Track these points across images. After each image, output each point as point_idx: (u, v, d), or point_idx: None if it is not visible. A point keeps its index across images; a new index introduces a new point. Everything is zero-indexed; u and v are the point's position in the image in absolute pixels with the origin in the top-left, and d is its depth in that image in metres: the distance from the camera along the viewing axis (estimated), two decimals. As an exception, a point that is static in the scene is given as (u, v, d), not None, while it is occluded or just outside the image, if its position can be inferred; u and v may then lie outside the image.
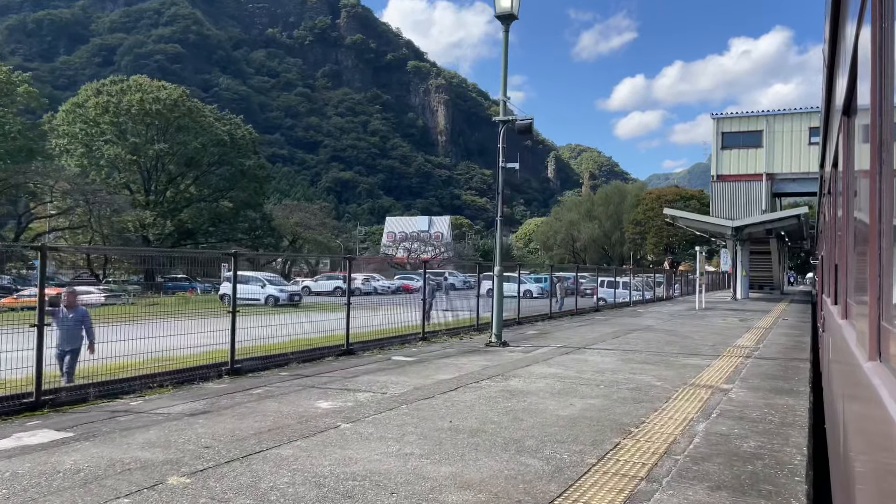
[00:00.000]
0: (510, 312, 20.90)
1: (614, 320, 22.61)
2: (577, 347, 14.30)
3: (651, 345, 15.46)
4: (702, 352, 14.51)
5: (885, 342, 2.02)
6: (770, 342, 16.96)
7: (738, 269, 39.07)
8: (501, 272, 14.13)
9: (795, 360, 13.42)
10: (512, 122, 13.86)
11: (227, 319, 10.03)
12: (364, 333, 13.19)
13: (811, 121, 39.56)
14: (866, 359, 2.33)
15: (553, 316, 22.97)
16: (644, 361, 12.57)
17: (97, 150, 64.11)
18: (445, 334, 15.86)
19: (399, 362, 11.58)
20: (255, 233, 75.52)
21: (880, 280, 2.04)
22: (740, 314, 27.03)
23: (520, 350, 13.62)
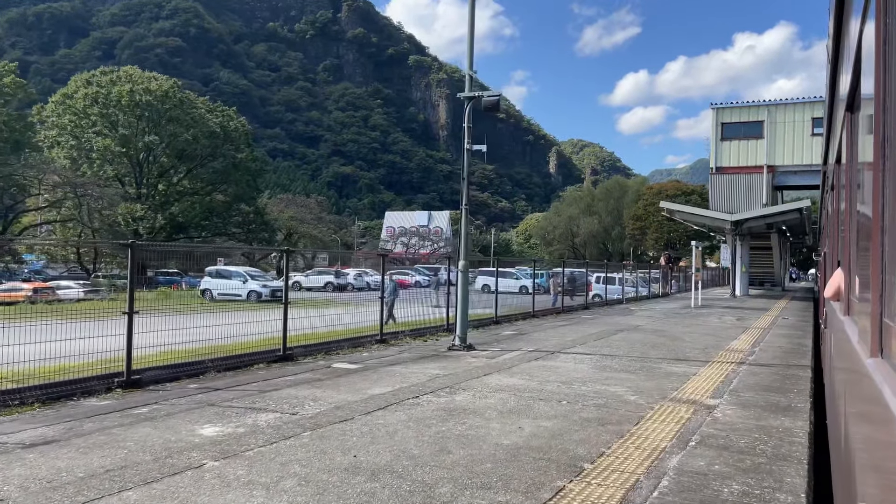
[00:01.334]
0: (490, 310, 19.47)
1: (602, 319, 21.11)
2: (551, 352, 12.80)
3: (635, 348, 13.96)
4: (690, 357, 13.00)
5: (888, 339, 2.03)
6: (767, 345, 15.45)
7: (738, 265, 37.49)
8: (467, 267, 12.62)
9: (794, 368, 11.92)
10: (478, 98, 12.34)
11: (123, 321, 8.51)
12: (310, 336, 11.69)
13: (814, 111, 37.94)
14: (868, 355, 2.32)
15: (536, 314, 21.46)
16: (622, 369, 11.07)
17: (86, 141, 62.81)
18: (409, 335, 14.34)
19: (337, 371, 10.09)
20: (248, 227, 74.33)
21: (883, 276, 2.04)
22: (737, 312, 25.51)
23: (484, 355, 12.12)
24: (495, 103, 12.19)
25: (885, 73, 1.98)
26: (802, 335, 18.09)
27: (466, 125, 12.64)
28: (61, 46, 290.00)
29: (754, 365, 12.15)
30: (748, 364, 12.24)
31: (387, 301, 14.55)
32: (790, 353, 14.15)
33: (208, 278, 37.03)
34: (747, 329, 19.06)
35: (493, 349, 12.96)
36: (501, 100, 12.17)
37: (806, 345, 15.81)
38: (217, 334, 10.17)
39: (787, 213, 34.92)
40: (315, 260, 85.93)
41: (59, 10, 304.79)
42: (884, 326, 2.09)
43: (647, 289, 36.36)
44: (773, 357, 13.37)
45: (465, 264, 12.53)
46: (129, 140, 62.88)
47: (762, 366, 12.11)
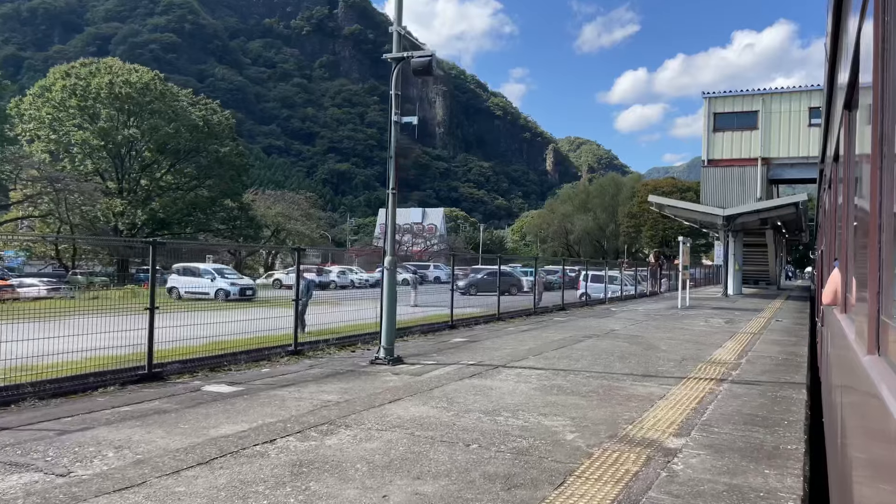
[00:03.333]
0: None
1: (575, 322, 18.96)
2: (495, 366, 10.66)
3: (599, 359, 11.84)
4: (662, 371, 10.89)
5: (884, 336, 2.06)
6: (757, 354, 13.34)
7: (730, 263, 35.37)
8: (394, 264, 10.47)
9: (787, 387, 9.81)
10: (407, 59, 10.20)
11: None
12: (191, 349, 9.57)
13: (811, 100, 35.79)
14: (865, 353, 2.33)
15: (503, 316, 19.31)
16: (573, 390, 8.95)
17: (65, 135, 60.85)
18: (334, 345, 12.18)
19: (202, 397, 7.94)
20: (233, 223, 72.47)
21: (880, 274, 2.07)
22: (727, 314, 23.39)
23: (410, 371, 9.99)
24: (426, 65, 10.05)
25: (884, 71, 2.00)
26: (797, 341, 15.99)
27: (393, 92, 10.50)
28: (55, 42, 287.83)
29: (738, 383, 10.05)
30: (730, 381, 10.14)
31: (303, 303, 12.36)
32: (782, 365, 12.05)
33: (175, 276, 35.29)
34: (735, 335, 16.95)
35: (425, 362, 10.82)
36: (434, 61, 10.02)
37: (801, 354, 13.71)
38: (95, 344, 8.11)
39: (783, 208, 32.79)
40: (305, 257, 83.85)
41: (53, 5, 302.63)
42: (881, 324, 2.10)
43: (634, 288, 34.22)
44: (761, 371, 11.27)
45: (392, 260, 10.38)
46: (108, 133, 60.90)
47: (747, 384, 10.01)
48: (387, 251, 10.39)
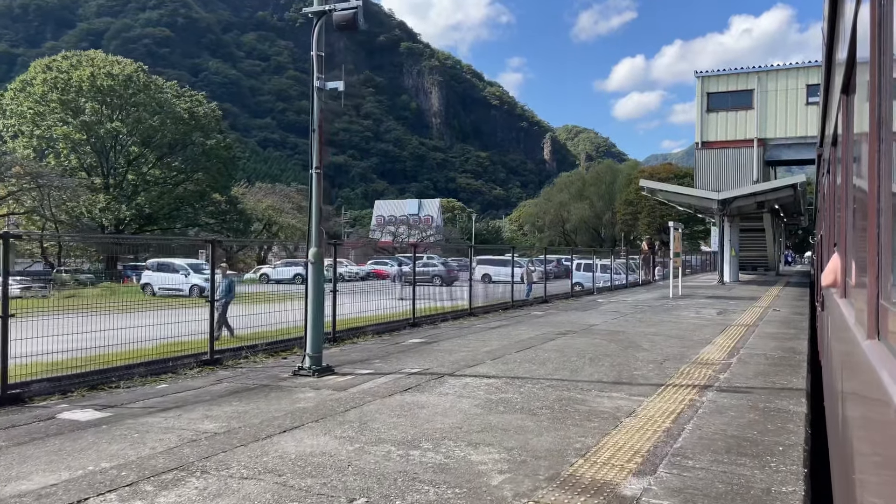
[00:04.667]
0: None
1: (552, 317, 17.36)
2: (440, 375, 9.08)
3: (567, 363, 10.26)
4: (639, 376, 9.33)
5: (884, 321, 2.04)
6: (750, 352, 11.78)
7: (726, 249, 33.73)
8: (320, 256, 8.87)
9: (783, 395, 8.25)
10: (329, 13, 8.59)
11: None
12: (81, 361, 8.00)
13: (809, 77, 34.11)
14: (865, 337, 2.33)
15: (475, 311, 17.70)
16: (523, 406, 7.38)
17: (47, 130, 59.40)
18: (264, 351, 10.58)
19: (51, 428, 6.33)
20: (222, 217, 71.07)
21: (879, 259, 2.07)
22: (721, 304, 21.81)
23: (334, 384, 8.39)
24: (351, 19, 8.43)
25: (881, 54, 2.00)
26: (795, 334, 14.42)
27: (315, 53, 8.90)
28: (48, 38, 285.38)
29: (725, 390, 8.48)
30: (717, 389, 8.57)
31: (217, 305, 10.74)
32: (779, 365, 10.49)
33: (149, 272, 33.95)
34: (727, 328, 15.37)
35: (361, 371, 9.23)
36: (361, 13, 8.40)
37: (800, 350, 12.14)
38: None
39: (780, 191, 31.16)
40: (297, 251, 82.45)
41: (46, 1, 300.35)
42: (880, 309, 2.09)
43: (625, 277, 32.61)
44: (754, 373, 9.70)
45: (318, 252, 8.77)
46: (90, 127, 59.36)
47: (736, 391, 8.45)
48: (311, 241, 8.77)
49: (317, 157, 8.70)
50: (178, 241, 46.93)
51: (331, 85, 8.96)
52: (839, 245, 4.71)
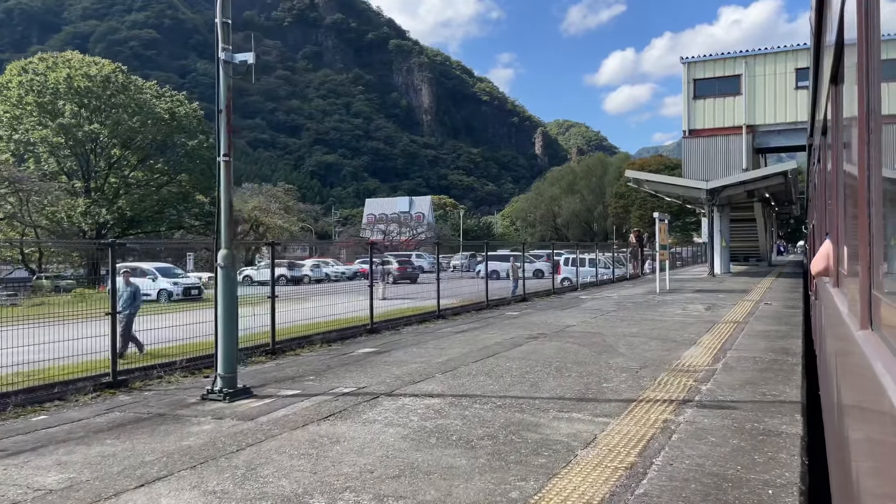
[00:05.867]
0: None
1: (527, 318, 16.12)
2: (377, 394, 7.86)
3: (529, 375, 9.05)
4: (608, 389, 8.13)
5: (877, 310, 2.04)
6: (738, 354, 10.60)
7: (716, 240, 32.56)
8: (231, 260, 7.59)
9: (774, 410, 7.07)
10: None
11: None
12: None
13: (798, 60, 32.94)
14: (858, 327, 2.32)
15: (444, 313, 16.45)
16: (460, 438, 6.17)
17: (24, 133, 58.02)
18: (183, 368, 9.30)
19: None
20: (207, 219, 69.79)
21: (871, 248, 2.07)
22: (710, 298, 20.63)
23: (242, 412, 7.14)
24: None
25: (868, 44, 1.99)
26: (788, 331, 13.25)
27: (220, 20, 7.67)
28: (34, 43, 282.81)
29: (707, 406, 7.29)
30: (697, 404, 7.38)
31: (121, 318, 9.42)
32: (769, 370, 9.30)
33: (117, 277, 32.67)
34: (715, 325, 14.19)
35: (284, 393, 7.98)
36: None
37: (793, 350, 10.97)
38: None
39: (771, 178, 29.98)
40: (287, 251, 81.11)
41: (30, 5, 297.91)
42: (873, 298, 2.10)
43: (612, 271, 31.41)
44: (741, 382, 8.51)
45: (228, 254, 7.50)
46: (68, 130, 57.96)
47: (720, 407, 7.25)
48: (220, 241, 7.52)
49: (225, 142, 7.47)
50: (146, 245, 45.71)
51: (240, 57, 7.72)
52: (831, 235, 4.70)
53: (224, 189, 7.47)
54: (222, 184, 7.46)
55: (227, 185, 7.47)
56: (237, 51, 8.01)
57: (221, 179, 7.47)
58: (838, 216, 3.82)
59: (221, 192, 7.45)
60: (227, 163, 7.51)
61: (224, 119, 7.50)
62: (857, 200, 2.23)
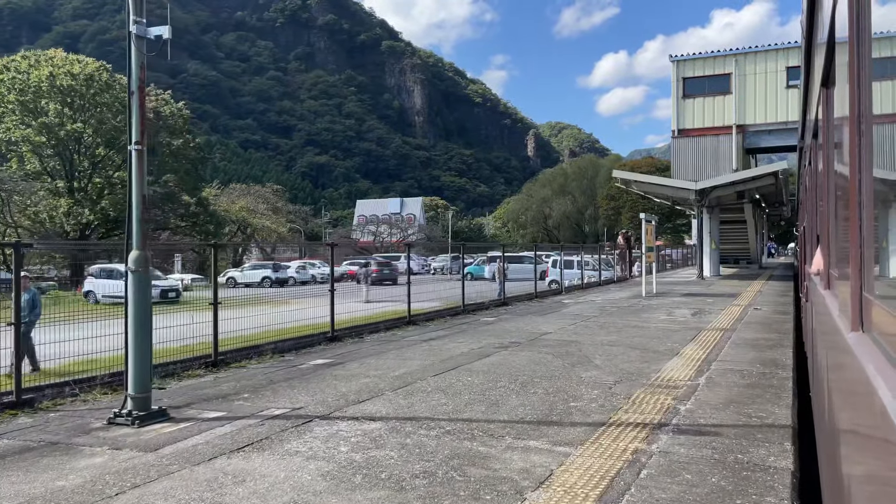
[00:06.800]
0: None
1: (502, 324, 15.19)
2: (311, 417, 6.93)
3: (490, 391, 8.15)
4: (576, 410, 7.22)
5: (867, 312, 2.05)
6: (723, 366, 9.72)
7: (706, 241, 31.73)
8: (144, 262, 6.63)
9: (762, 436, 6.18)
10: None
11: None
12: None
13: (788, 59, 32.20)
14: (849, 329, 2.32)
15: (415, 319, 15.51)
16: (390, 476, 5.25)
17: (5, 132, 57.03)
18: (106, 385, 8.32)
19: None
20: (192, 219, 68.83)
21: (861, 251, 2.07)
22: (698, 302, 19.77)
23: (148, 441, 6.20)
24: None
25: (859, 47, 1.99)
26: (779, 340, 12.38)
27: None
28: (23, 42, 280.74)
29: (685, 432, 6.39)
30: (674, 429, 6.48)
31: (25, 325, 8.37)
32: (757, 385, 8.42)
33: (91, 278, 32.17)
34: (700, 332, 13.30)
35: (206, 415, 7.03)
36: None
37: (784, 362, 10.10)
38: None
39: (761, 179, 29.17)
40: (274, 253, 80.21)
41: (20, 5, 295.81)
42: (863, 300, 2.10)
43: (598, 274, 30.54)
44: (725, 401, 7.62)
45: (141, 256, 6.54)
46: (50, 129, 56.92)
47: (700, 433, 6.35)
48: (132, 242, 6.57)
49: (137, 128, 6.54)
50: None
51: (154, 31, 6.80)
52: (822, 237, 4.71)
53: (137, 182, 6.54)
54: (134, 176, 6.53)
55: (139, 178, 6.53)
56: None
57: (133, 171, 6.53)
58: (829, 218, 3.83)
59: (133, 185, 6.52)
60: (140, 152, 6.58)
61: (137, 101, 6.58)
62: (849, 202, 2.22)
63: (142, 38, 6.68)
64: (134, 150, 6.55)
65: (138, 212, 6.51)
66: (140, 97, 6.59)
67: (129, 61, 6.68)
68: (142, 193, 6.54)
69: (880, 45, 1.78)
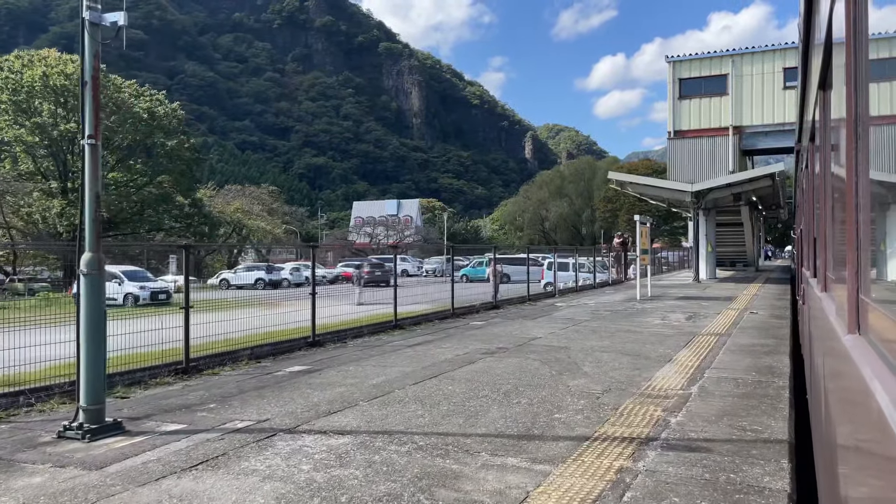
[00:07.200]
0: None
1: (490, 329, 14.76)
2: (275, 431, 6.51)
3: (470, 401, 7.73)
4: (560, 423, 6.80)
5: (864, 315, 2.05)
6: (717, 374, 9.30)
7: (702, 244, 31.34)
8: (98, 263, 6.22)
9: (756, 453, 5.76)
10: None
11: None
12: None
13: (786, 60, 31.85)
14: (846, 332, 2.32)
15: (401, 323, 15.08)
16: (350, 499, 4.83)
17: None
18: (65, 394, 7.86)
19: None
20: (186, 220, 68.40)
21: (858, 253, 2.07)
22: (693, 306, 19.37)
23: (97, 457, 5.77)
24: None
25: (856, 50, 1.99)
26: (775, 346, 11.97)
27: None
28: (20, 43, 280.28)
29: (675, 447, 5.97)
30: (663, 444, 6.05)
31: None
32: (752, 395, 8.00)
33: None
34: (694, 338, 12.88)
35: (164, 428, 6.61)
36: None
37: (780, 369, 9.68)
38: None
39: (758, 181, 28.80)
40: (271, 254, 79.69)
41: (17, 5, 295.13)
42: (860, 303, 2.09)
43: (593, 276, 30.13)
44: (718, 412, 7.20)
45: (94, 259, 6.11)
46: (44, 129, 56.50)
47: (690, 449, 5.93)
48: (85, 244, 6.14)
49: (91, 121, 6.11)
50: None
51: (110, 17, 6.36)
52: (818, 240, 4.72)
53: (90, 179, 6.11)
54: (87, 172, 6.10)
55: (93, 174, 6.11)
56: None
57: (87, 167, 6.10)
58: (826, 221, 3.84)
59: (87, 182, 6.08)
60: (94, 147, 6.15)
61: (90, 92, 6.15)
62: (845, 205, 2.21)
63: (96, 25, 6.25)
64: (87, 144, 6.12)
65: (91, 211, 6.07)
66: (94, 88, 6.16)
67: (82, 49, 6.26)
68: (95, 192, 6.11)
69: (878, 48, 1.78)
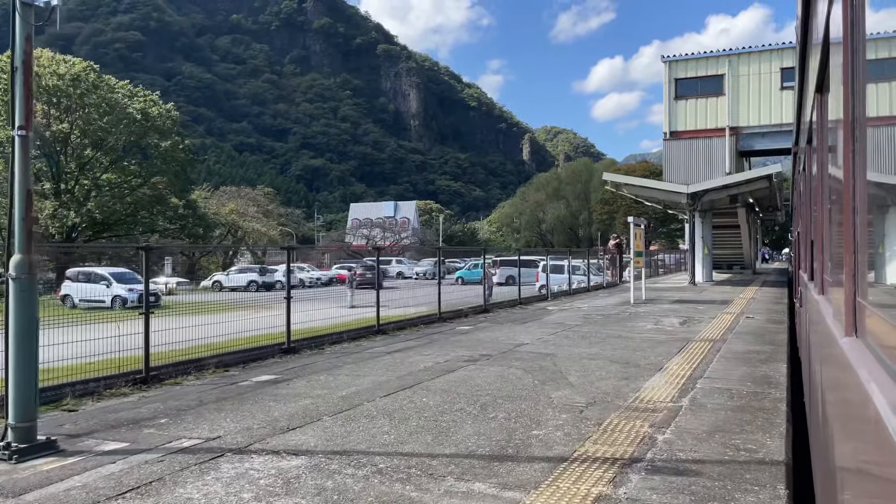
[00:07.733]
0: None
1: (476, 334, 14.20)
2: (222, 451, 5.95)
3: (444, 415, 7.18)
4: (537, 441, 6.26)
5: (861, 318, 2.05)
6: (710, 385, 8.76)
7: (698, 246, 30.79)
8: (27, 266, 5.64)
9: (750, 477, 5.21)
10: None
11: None
12: None
13: (783, 60, 31.35)
14: (843, 334, 2.32)
15: (384, 328, 14.52)
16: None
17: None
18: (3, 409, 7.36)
19: None
20: (181, 222, 67.84)
21: (855, 256, 2.07)
22: (687, 310, 18.83)
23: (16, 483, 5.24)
24: None
25: (854, 53, 1.99)
26: (772, 352, 11.44)
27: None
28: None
29: (660, 470, 5.42)
30: (647, 466, 5.50)
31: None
32: (747, 409, 7.45)
33: (69, 282, 31.26)
34: (688, 344, 12.34)
35: (103, 447, 6.05)
36: None
37: (777, 380, 9.14)
38: None
39: (754, 183, 28.27)
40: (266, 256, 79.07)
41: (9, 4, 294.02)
42: (857, 306, 2.09)
43: (587, 279, 29.58)
44: (710, 428, 6.65)
45: (24, 261, 5.54)
46: (36, 129, 55.81)
47: (678, 472, 5.38)
48: (14, 245, 5.59)
49: (22, 110, 5.57)
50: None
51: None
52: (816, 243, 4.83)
53: (20, 174, 5.56)
54: (17, 167, 5.54)
55: (23, 169, 5.56)
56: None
57: (17, 161, 5.55)
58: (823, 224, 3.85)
59: (17, 177, 5.53)
60: (25, 138, 5.60)
61: (21, 79, 5.61)
62: (843, 208, 2.21)
63: (28, 6, 5.72)
64: (17, 136, 5.58)
65: (21, 209, 5.53)
66: (25, 74, 5.63)
67: (13, 32, 5.72)
68: (26, 188, 5.57)
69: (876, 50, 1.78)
